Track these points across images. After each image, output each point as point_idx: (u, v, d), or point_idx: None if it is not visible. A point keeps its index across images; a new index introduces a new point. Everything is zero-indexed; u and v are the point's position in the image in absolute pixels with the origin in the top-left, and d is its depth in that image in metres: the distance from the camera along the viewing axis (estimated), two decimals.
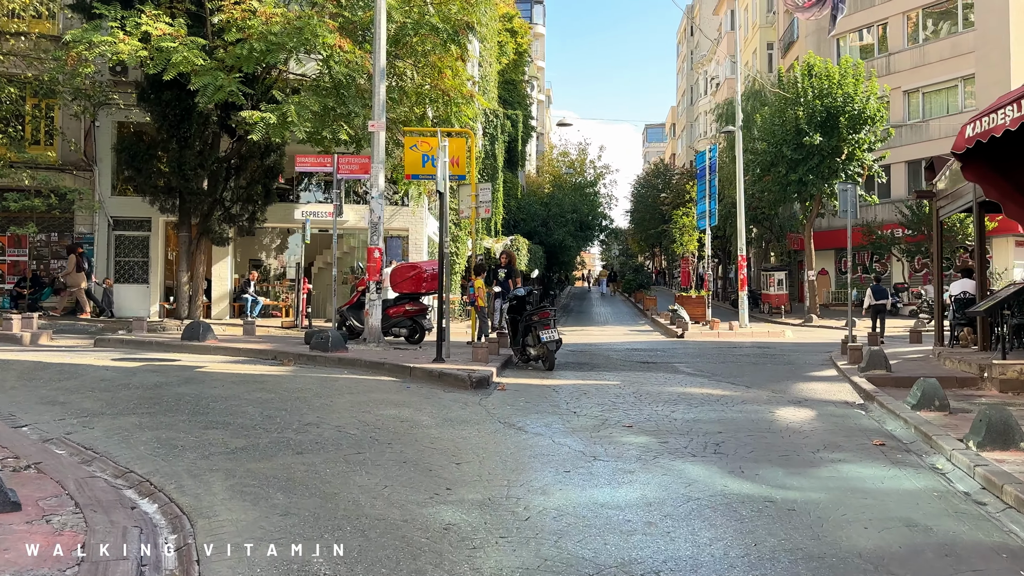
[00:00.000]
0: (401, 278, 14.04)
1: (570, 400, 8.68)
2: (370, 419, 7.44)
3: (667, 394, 9.26)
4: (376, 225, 13.04)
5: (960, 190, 12.96)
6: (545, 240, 35.73)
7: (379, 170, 13.22)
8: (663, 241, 57.84)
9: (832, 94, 26.65)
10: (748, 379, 10.85)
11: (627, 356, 14.37)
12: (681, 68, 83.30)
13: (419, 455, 6.11)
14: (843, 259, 38.04)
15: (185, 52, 15.78)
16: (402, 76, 18.06)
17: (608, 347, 17.06)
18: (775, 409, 8.41)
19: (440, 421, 7.42)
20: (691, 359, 13.97)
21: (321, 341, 11.58)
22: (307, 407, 7.98)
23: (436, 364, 10.35)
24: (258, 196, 20.16)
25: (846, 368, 11.61)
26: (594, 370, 11.69)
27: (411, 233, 23.27)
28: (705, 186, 24.12)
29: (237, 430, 6.94)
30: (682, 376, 11.09)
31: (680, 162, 70.55)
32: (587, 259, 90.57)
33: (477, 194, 14.19)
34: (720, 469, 5.81)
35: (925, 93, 33.59)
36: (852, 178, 27.64)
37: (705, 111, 67.04)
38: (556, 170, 50.12)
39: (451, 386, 9.39)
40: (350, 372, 10.52)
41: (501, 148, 27.75)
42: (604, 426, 7.30)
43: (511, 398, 8.77)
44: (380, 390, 9.11)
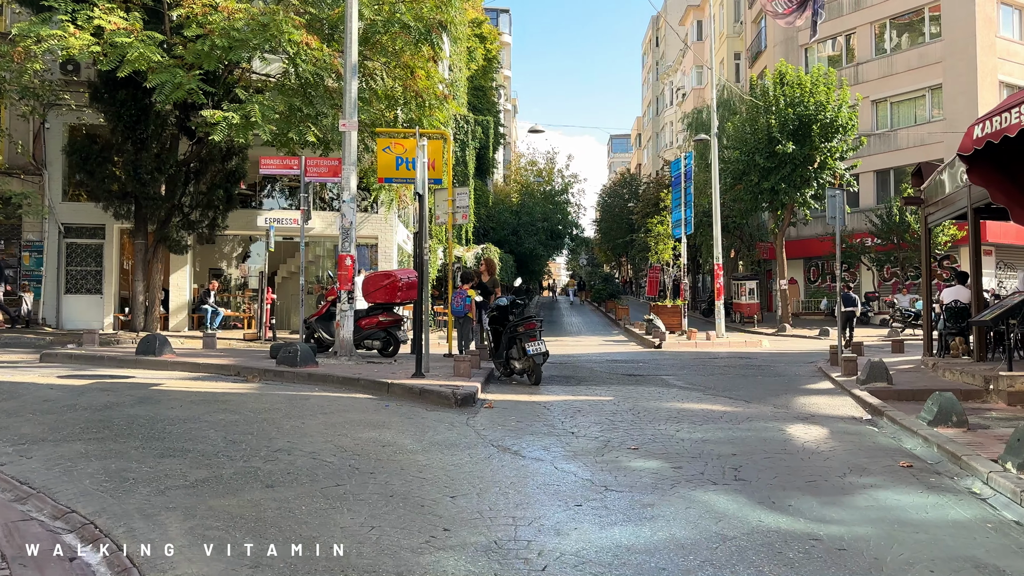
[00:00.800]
0: (374, 287, 13.25)
1: (565, 419, 8.01)
2: (348, 443, 6.68)
3: (666, 411, 8.64)
4: (348, 231, 12.26)
5: (951, 196, 12.63)
6: (515, 249, 35.14)
7: (351, 172, 12.46)
8: (630, 251, 57.72)
9: (804, 102, 26.52)
10: (744, 393, 10.30)
11: (611, 368, 13.76)
12: (647, 79, 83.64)
13: (407, 487, 5.39)
14: (812, 268, 38.09)
15: (141, 48, 14.85)
16: (372, 77, 17.33)
17: (588, 359, 16.45)
18: (784, 426, 7.84)
19: (426, 445, 6.69)
20: (677, 371, 13.41)
21: (289, 355, 10.75)
22: (276, 430, 7.19)
23: (416, 380, 9.61)
24: (219, 202, 19.20)
25: (843, 380, 11.13)
26: (582, 384, 11.04)
27: (381, 241, 22.46)
28: (680, 194, 23.74)
29: (197, 458, 6.14)
30: (675, 390, 10.50)
31: (646, 172, 70.61)
32: (552, 268, 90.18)
33: (454, 199, 13.50)
34: (748, 500, 5.19)
35: (893, 103, 33.79)
36: (824, 187, 27.55)
37: (671, 121, 67.25)
38: (524, 179, 49.59)
39: (434, 404, 8.66)
40: (322, 389, 9.72)
41: (472, 155, 27.11)
42: (608, 449, 6.64)
43: (501, 417, 8.07)
44: (356, 409, 8.34)
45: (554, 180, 45.89)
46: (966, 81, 30.50)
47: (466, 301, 13.12)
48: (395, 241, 22.82)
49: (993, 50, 30.72)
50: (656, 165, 64.53)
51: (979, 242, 11.86)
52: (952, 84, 31.09)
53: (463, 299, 13.11)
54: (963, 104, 30.58)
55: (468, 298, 13.13)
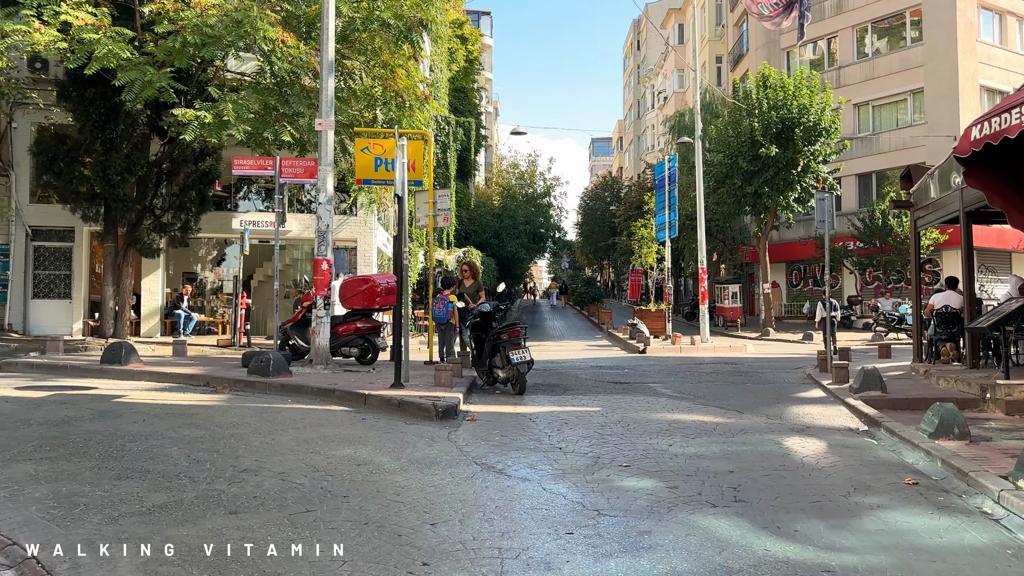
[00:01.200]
0: (352, 292, 12.78)
1: (552, 432, 7.61)
2: (320, 462, 6.25)
3: (656, 422, 8.27)
4: (324, 234, 11.80)
5: (942, 200, 12.41)
6: (497, 252, 34.73)
7: (327, 173, 12.00)
8: (611, 254, 57.53)
9: (787, 105, 26.37)
10: (735, 402, 9.97)
11: (597, 375, 13.40)
12: (628, 82, 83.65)
13: (384, 512, 4.97)
14: (794, 272, 38.05)
15: (110, 45, 14.33)
16: (351, 76, 16.86)
17: (572, 364, 16.09)
18: (780, 439, 7.50)
19: (405, 463, 6.26)
20: (664, 378, 13.08)
21: (260, 364, 10.26)
22: (244, 447, 6.74)
23: (394, 390, 9.17)
24: (192, 204, 18.64)
25: (835, 388, 10.83)
26: (567, 393, 10.66)
27: (360, 244, 21.98)
28: (664, 197, 23.45)
29: (157, 480, 5.68)
30: (664, 399, 10.15)
31: (628, 175, 70.52)
32: (534, 272, 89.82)
33: (435, 201, 13.08)
34: (751, 524, 4.82)
35: (875, 106, 33.81)
36: (807, 190, 27.44)
37: (652, 125, 67.24)
38: (506, 181, 49.25)
39: (413, 417, 8.22)
40: (295, 401, 9.26)
41: (453, 157, 26.69)
42: (598, 466, 6.26)
43: (484, 431, 7.66)
44: (331, 423, 7.89)
45: (536, 183, 45.60)
46: (947, 85, 30.54)
47: (448, 307, 12.70)
48: (374, 244, 22.36)
49: (974, 54, 30.80)
50: (638, 168, 64.46)
51: (971, 247, 11.63)
52: (933, 88, 31.12)
53: (445, 305, 12.69)
54: (944, 108, 30.63)
55: (450, 304, 12.72)
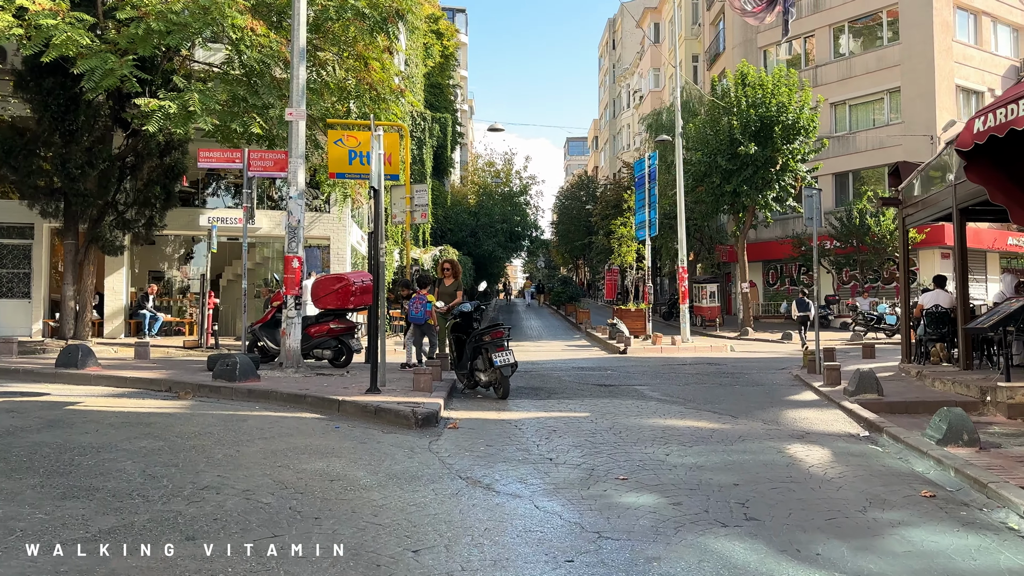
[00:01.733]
0: (325, 292, 12.19)
1: (540, 440, 7.12)
2: (289, 478, 5.70)
3: (649, 429, 7.82)
4: (295, 230, 11.21)
5: (933, 197, 12.13)
6: (474, 251, 34.19)
7: (298, 166, 11.41)
8: (587, 253, 57.20)
9: (766, 103, 26.16)
10: (728, 406, 9.55)
11: (580, 378, 12.94)
12: (603, 81, 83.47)
13: (360, 537, 4.44)
14: (771, 271, 37.95)
15: (69, 31, 13.58)
16: (323, 67, 16.24)
17: (554, 366, 15.62)
18: (781, 447, 7.08)
19: (383, 479, 5.73)
20: (650, 380, 12.65)
21: (226, 368, 9.65)
22: (205, 461, 6.16)
23: (370, 396, 8.62)
24: (156, 199, 17.88)
25: (828, 391, 10.47)
26: (552, 397, 10.17)
27: (333, 242, 21.33)
28: (644, 195, 23.10)
29: (106, 500, 5.10)
30: (654, 403, 9.70)
31: (603, 174, 70.29)
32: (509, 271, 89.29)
33: (412, 196, 12.53)
34: (768, 547, 4.37)
35: (852, 106, 33.77)
36: (786, 189, 27.27)
37: (628, 124, 67.06)
38: (481, 180, 48.70)
39: (391, 425, 7.68)
40: (263, 408, 8.66)
41: (429, 154, 26.12)
42: (593, 479, 5.78)
43: (468, 440, 7.15)
44: (301, 433, 7.33)
45: (512, 181, 45.12)
46: (924, 84, 30.56)
47: (427, 307, 12.17)
48: (349, 242, 21.72)
49: (950, 54, 30.86)
50: (614, 167, 64.24)
51: (964, 245, 11.34)
52: (910, 87, 31.13)
53: (423, 305, 12.16)
54: (921, 107, 30.65)
55: (428, 304, 12.19)
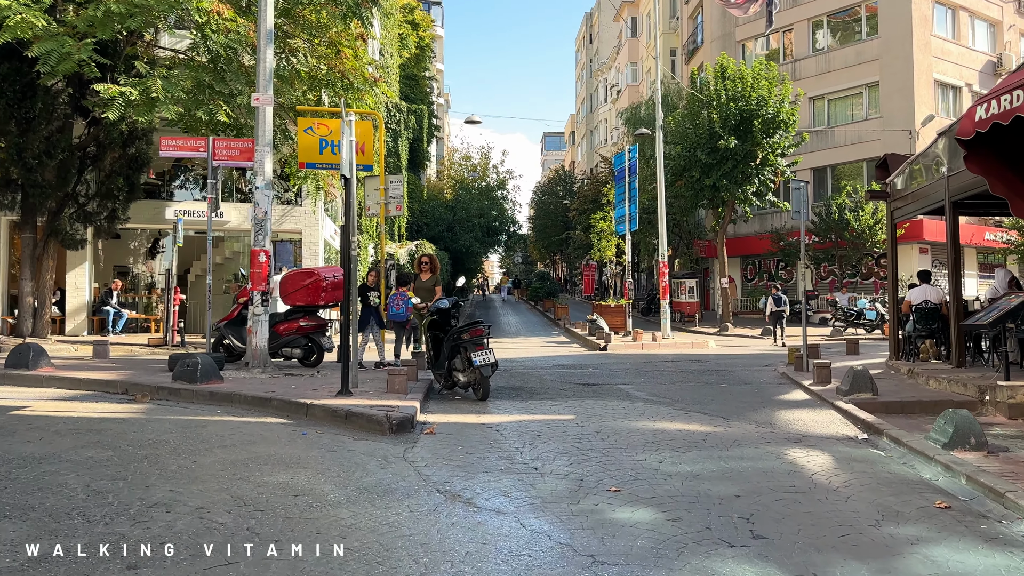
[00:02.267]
0: (294, 287, 11.59)
1: (524, 447, 6.63)
2: (248, 492, 5.16)
3: (638, 433, 7.37)
4: (262, 222, 10.61)
5: (924, 190, 11.82)
6: (451, 246, 33.60)
7: (265, 154, 10.80)
8: (565, 248, 56.81)
9: (746, 97, 25.88)
10: (717, 407, 9.14)
11: (562, 376, 12.47)
12: (580, 76, 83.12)
13: (325, 566, 3.92)
14: (749, 266, 37.80)
15: (23, 12, 12.83)
16: (294, 54, 15.61)
17: (534, 363, 15.16)
18: (779, 452, 6.67)
19: (352, 493, 5.21)
20: (633, 379, 12.23)
21: (187, 369, 9.04)
22: (158, 473, 5.60)
23: (341, 399, 8.08)
24: (119, 191, 17.13)
25: (820, 390, 10.10)
26: (535, 398, 9.68)
27: (305, 236, 20.69)
28: (624, 189, 22.69)
29: (42, 521, 4.54)
30: (640, 404, 9.26)
31: (581, 169, 69.90)
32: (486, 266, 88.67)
33: (386, 187, 11.98)
34: (781, 571, 3.93)
35: (830, 100, 33.65)
36: (765, 184, 27.04)
37: (605, 119, 66.73)
38: (458, 174, 48.09)
39: (363, 431, 7.15)
40: (226, 412, 8.08)
41: (405, 146, 25.51)
42: (583, 492, 5.31)
43: (446, 447, 6.64)
44: (266, 440, 6.77)
45: (489, 175, 44.58)
46: (902, 79, 30.47)
47: (408, 303, 11.66)
48: (321, 236, 21.08)
49: (928, 49, 30.80)
50: (591, 162, 63.90)
51: (957, 239, 11.03)
52: (888, 82, 31.04)
53: (404, 301, 11.64)
54: (899, 102, 30.57)
55: (409, 300, 11.67)
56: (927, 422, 8.42)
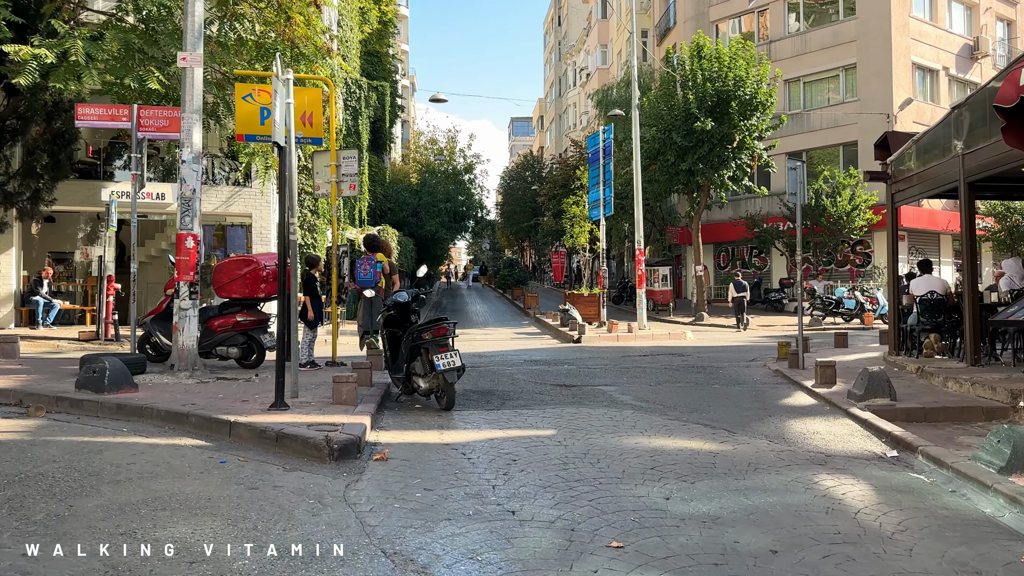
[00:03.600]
0: (229, 277, 10.14)
1: (497, 478, 5.36)
2: (129, 559, 3.83)
3: (633, 453, 6.15)
4: (189, 201, 9.16)
5: (932, 170, 10.76)
6: (416, 232, 32.09)
7: (193, 123, 9.33)
8: (534, 235, 55.53)
9: (723, 77, 24.78)
10: (717, 415, 7.97)
11: (536, 375, 11.22)
12: (549, 59, 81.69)
13: None
14: (722, 253, 36.94)
15: None
16: (239, 20, 14.06)
17: (504, 359, 13.92)
18: (806, 479, 5.50)
19: (268, 562, 3.90)
20: (615, 377, 11.04)
21: (93, 376, 7.60)
22: (16, 526, 4.23)
23: (274, 414, 6.72)
24: (44, 170, 15.44)
25: (826, 393, 8.99)
26: (507, 405, 8.41)
27: (255, 220, 19.15)
28: (599, 171, 21.46)
29: None
30: (629, 412, 8.05)
31: (550, 154, 68.62)
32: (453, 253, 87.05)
33: (339, 163, 10.58)
34: None
35: (806, 83, 32.77)
36: (742, 168, 26.04)
37: (575, 103, 65.47)
38: (423, 158, 46.43)
39: (297, 456, 5.82)
40: (133, 430, 6.68)
41: (366, 125, 23.98)
42: (575, 549, 4.06)
43: (399, 479, 5.33)
44: (172, 472, 5.41)
45: (456, 159, 43.04)
46: (880, 61, 29.66)
47: (377, 267, 10.35)
48: (274, 220, 19.53)
49: (907, 30, 30.02)
50: (560, 147, 62.69)
51: (973, 225, 10.04)
52: (866, 64, 30.21)
53: (372, 265, 10.31)
54: (877, 85, 29.76)
55: (379, 264, 10.36)
56: (958, 433, 7.36)
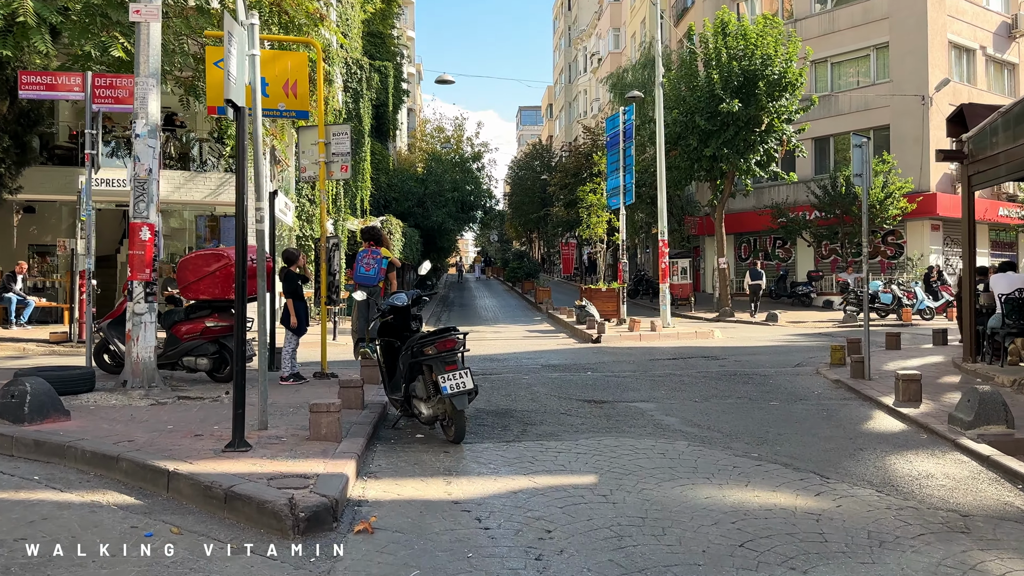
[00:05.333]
0: (196, 275, 8.57)
1: (527, 567, 3.78)
2: None
3: (707, 516, 4.55)
4: (144, 184, 7.61)
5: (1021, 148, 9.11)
6: (422, 223, 30.51)
7: (149, 89, 7.76)
8: (542, 226, 53.83)
9: (749, 55, 23.07)
10: (793, 447, 6.39)
11: (558, 387, 9.62)
12: (558, 45, 79.80)
13: None
14: (744, 244, 35.19)
15: None
16: None
17: (518, 363, 12.38)
18: (960, 561, 3.92)
19: None
20: (651, 390, 9.47)
21: (12, 401, 6.04)
22: None
23: (229, 458, 5.14)
24: (7, 154, 13.94)
25: (918, 415, 7.40)
26: (529, 433, 6.80)
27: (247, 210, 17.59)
28: (619, 156, 19.81)
29: None
30: (683, 444, 6.46)
31: (559, 143, 66.85)
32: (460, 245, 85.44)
33: (328, 141, 9.01)
34: None
35: (834, 63, 30.93)
36: (769, 153, 24.37)
37: (585, 89, 63.61)
38: (430, 147, 44.82)
39: (250, 526, 4.24)
40: (45, 479, 5.10)
41: (367, 108, 22.40)
42: None
43: (389, 567, 3.78)
44: (72, 558, 3.80)
45: (463, 148, 41.43)
46: (915, 39, 27.82)
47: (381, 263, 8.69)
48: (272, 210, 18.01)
49: (943, 6, 28.16)
50: (570, 135, 60.92)
51: None
52: (899, 43, 28.37)
53: (376, 260, 8.68)
54: (911, 65, 27.94)
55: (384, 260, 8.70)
56: None
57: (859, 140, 9.84)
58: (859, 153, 9.79)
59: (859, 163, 9.79)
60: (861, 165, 9.82)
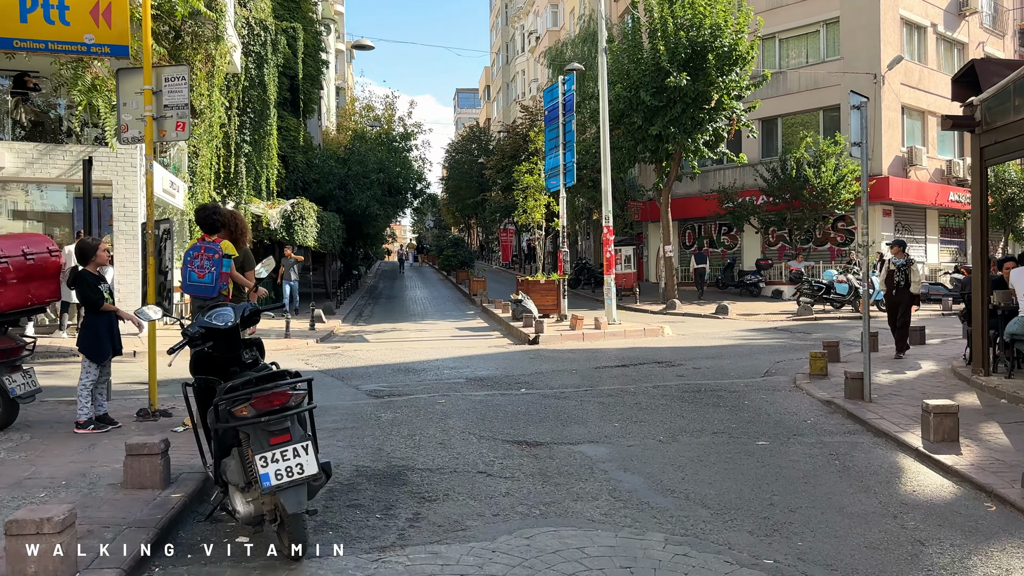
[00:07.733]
0: None
1: None
2: None
3: None
4: None
5: None
6: (344, 207, 27.77)
7: None
8: (480, 212, 51.46)
9: (697, 25, 21.11)
10: (818, 541, 4.27)
11: (481, 417, 7.34)
12: (495, 24, 77.24)
13: None
14: (688, 231, 33.51)
15: None
16: None
17: (437, 376, 10.09)
18: None
19: None
20: (599, 420, 7.27)
21: None
22: None
23: None
24: None
25: (970, 471, 5.37)
26: (421, 523, 4.41)
27: (116, 189, 14.81)
28: (558, 132, 17.60)
29: None
30: (657, 539, 4.23)
31: (497, 126, 64.45)
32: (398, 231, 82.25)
33: (156, 89, 6.48)
34: None
35: (782, 39, 29.30)
36: (719, 132, 22.54)
37: (523, 69, 61.27)
38: (358, 125, 41.84)
39: None
40: None
41: (273, 75, 19.62)
42: None
43: None
44: None
45: (394, 127, 38.65)
46: (867, 15, 26.34)
47: (222, 266, 5.89)
48: (141, 190, 15.17)
49: None
50: (508, 118, 58.63)
51: None
52: (850, 18, 26.87)
53: (215, 260, 5.88)
54: (862, 41, 26.47)
55: (225, 261, 5.90)
56: None
57: (858, 100, 7.78)
58: (857, 116, 7.73)
59: (858, 129, 7.73)
60: (860, 132, 7.77)
